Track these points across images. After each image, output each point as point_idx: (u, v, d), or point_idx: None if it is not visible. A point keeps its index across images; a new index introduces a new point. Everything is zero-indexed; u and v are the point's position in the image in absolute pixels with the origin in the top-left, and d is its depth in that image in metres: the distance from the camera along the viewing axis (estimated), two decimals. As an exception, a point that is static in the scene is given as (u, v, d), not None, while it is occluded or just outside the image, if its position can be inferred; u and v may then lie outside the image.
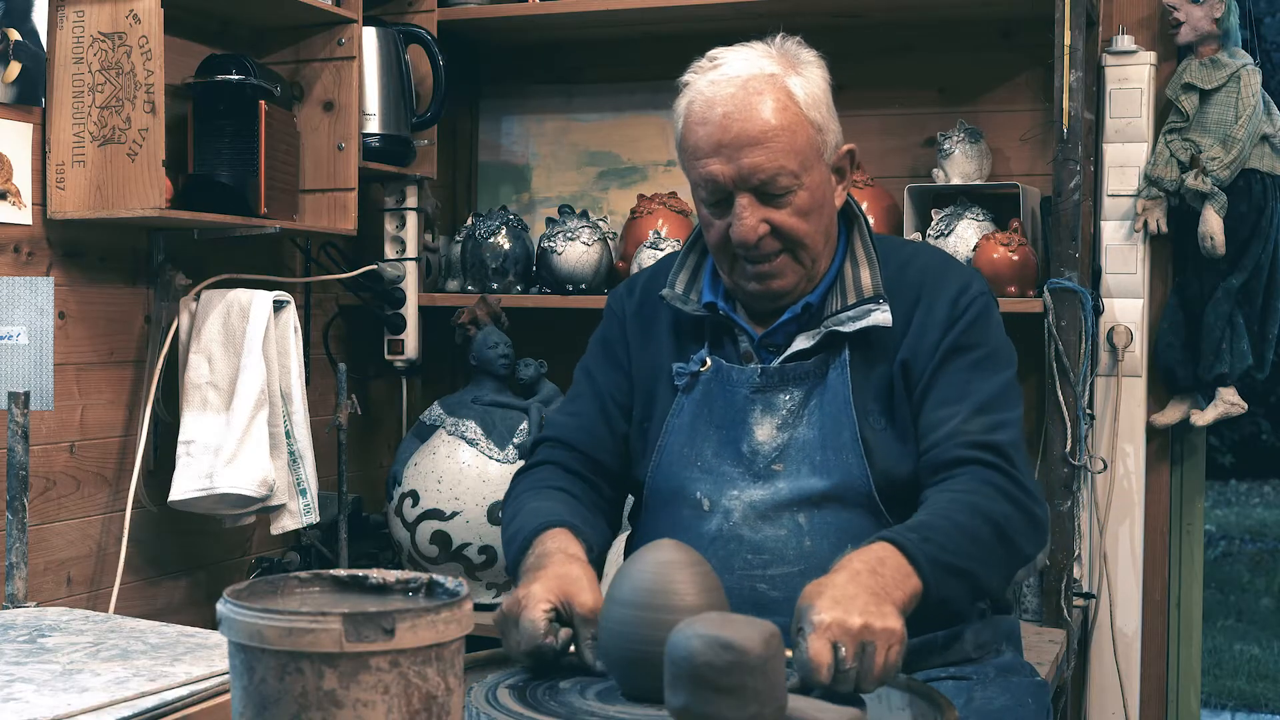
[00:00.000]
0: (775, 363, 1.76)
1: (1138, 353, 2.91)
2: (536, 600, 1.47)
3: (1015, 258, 2.69)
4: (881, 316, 1.72)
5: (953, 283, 1.77)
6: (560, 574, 1.53)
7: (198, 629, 1.92)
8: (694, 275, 1.84)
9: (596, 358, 1.91)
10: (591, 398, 1.88)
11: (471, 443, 2.76)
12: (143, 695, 1.51)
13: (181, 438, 2.50)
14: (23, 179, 2.33)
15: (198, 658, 1.70)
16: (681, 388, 1.79)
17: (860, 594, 1.40)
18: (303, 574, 1.21)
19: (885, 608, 1.39)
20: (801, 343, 1.75)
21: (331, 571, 1.22)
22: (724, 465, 1.74)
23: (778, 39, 1.78)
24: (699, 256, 1.85)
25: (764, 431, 1.74)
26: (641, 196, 3.07)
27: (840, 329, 1.73)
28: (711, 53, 1.77)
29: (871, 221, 2.85)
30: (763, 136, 1.67)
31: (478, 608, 1.94)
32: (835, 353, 1.74)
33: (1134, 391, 2.92)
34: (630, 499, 1.90)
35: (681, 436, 1.78)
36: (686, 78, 1.76)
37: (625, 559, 1.47)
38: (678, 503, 1.75)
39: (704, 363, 1.78)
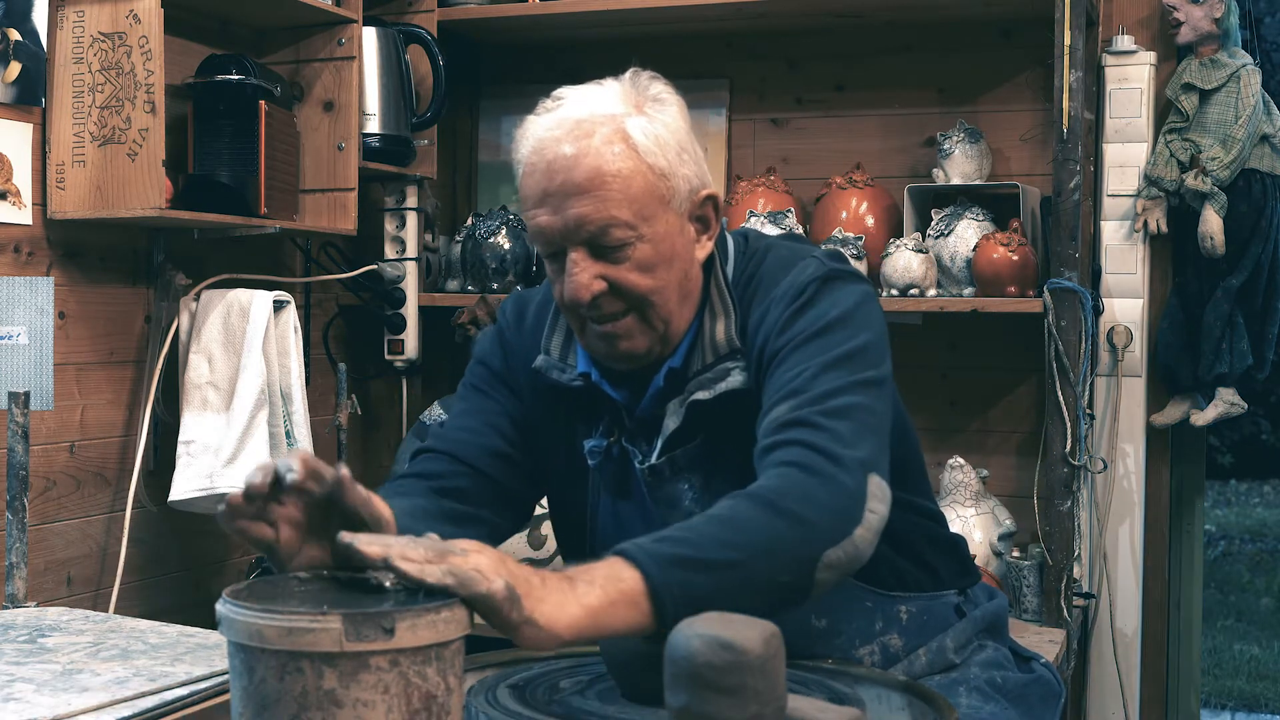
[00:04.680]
0: (657, 455, 1.59)
1: (1138, 353, 2.91)
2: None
3: (1015, 258, 2.69)
4: (737, 378, 1.55)
5: (786, 284, 1.58)
6: None
7: (198, 629, 1.92)
8: (568, 337, 1.66)
9: (486, 380, 1.73)
10: (484, 413, 1.70)
11: (471, 443, 2.76)
12: (143, 695, 1.51)
13: (181, 438, 2.50)
14: (23, 179, 2.34)
15: (198, 658, 1.70)
16: (595, 467, 1.65)
17: (503, 565, 1.19)
18: (303, 574, 1.21)
19: (534, 586, 1.19)
20: (671, 421, 1.58)
21: (332, 571, 1.22)
22: None
23: (629, 74, 1.60)
24: None
25: (675, 522, 1.53)
26: (641, 196, 3.07)
27: (701, 396, 1.56)
28: (557, 92, 1.61)
29: (845, 217, 2.87)
30: (590, 184, 1.51)
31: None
32: (721, 423, 1.57)
33: (1134, 391, 2.92)
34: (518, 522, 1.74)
35: (609, 522, 1.66)
36: (527, 119, 1.60)
37: None
38: None
39: (611, 434, 1.63)
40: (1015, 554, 2.79)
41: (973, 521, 2.76)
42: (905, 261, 2.75)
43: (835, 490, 1.38)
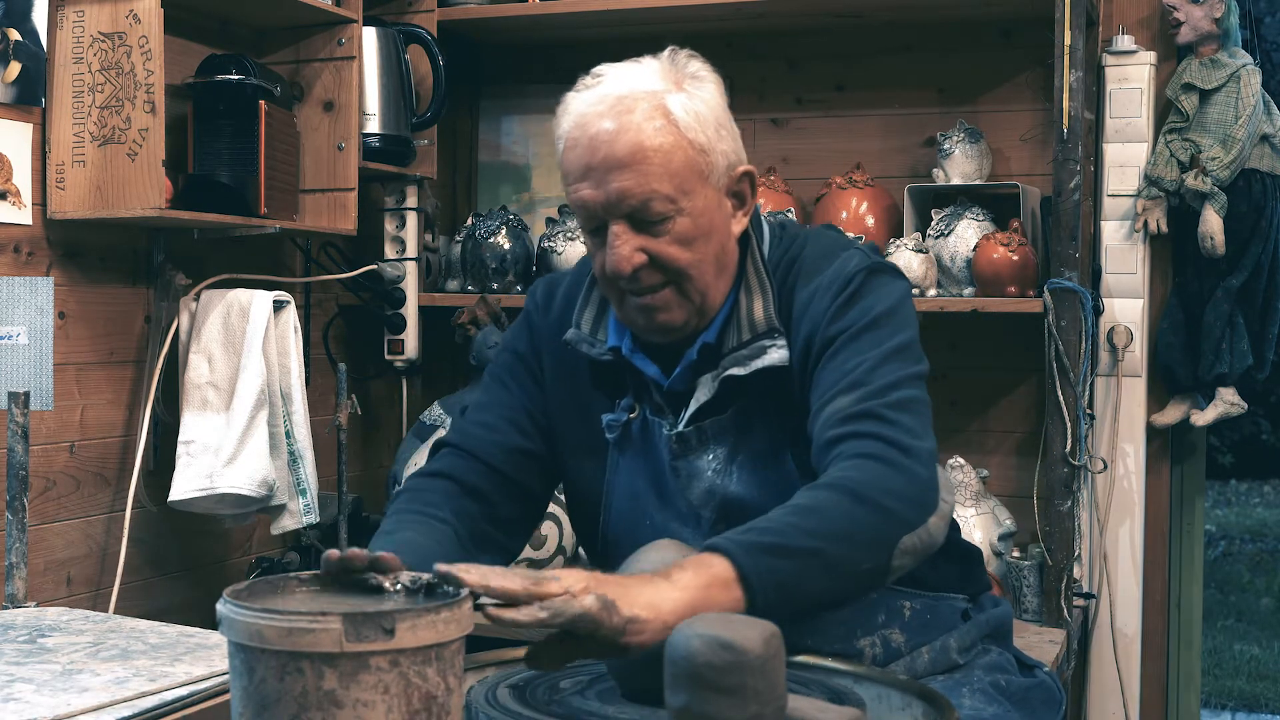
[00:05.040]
0: (685, 423, 1.62)
1: (1138, 353, 2.91)
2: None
3: (1015, 258, 2.69)
4: (778, 354, 1.59)
5: (831, 273, 1.61)
6: None
7: (198, 629, 1.92)
8: (600, 311, 1.69)
9: (508, 365, 1.77)
10: (504, 409, 1.74)
11: (471, 443, 2.76)
12: (143, 695, 1.51)
13: (181, 438, 2.50)
14: (23, 179, 2.34)
15: (198, 658, 1.70)
16: (613, 442, 1.67)
17: (594, 581, 1.24)
18: (303, 574, 1.21)
19: (624, 590, 1.24)
20: (702, 393, 1.61)
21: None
22: (670, 523, 1.64)
23: (667, 53, 1.62)
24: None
25: (695, 494, 1.63)
26: (641, 196, 3.07)
27: (737, 372, 1.59)
28: (596, 69, 1.62)
29: (845, 217, 2.88)
30: (632, 159, 1.53)
31: (478, 608, 1.94)
32: (752, 398, 1.61)
33: (1134, 391, 2.92)
34: (540, 519, 1.78)
35: (624, 499, 1.68)
36: (566, 96, 1.62)
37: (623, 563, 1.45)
38: None
39: (632, 409, 1.66)
40: (1015, 554, 2.79)
41: (973, 521, 2.76)
42: (905, 261, 2.75)
43: (911, 479, 1.43)
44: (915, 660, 1.67)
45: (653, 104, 1.56)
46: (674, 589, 1.26)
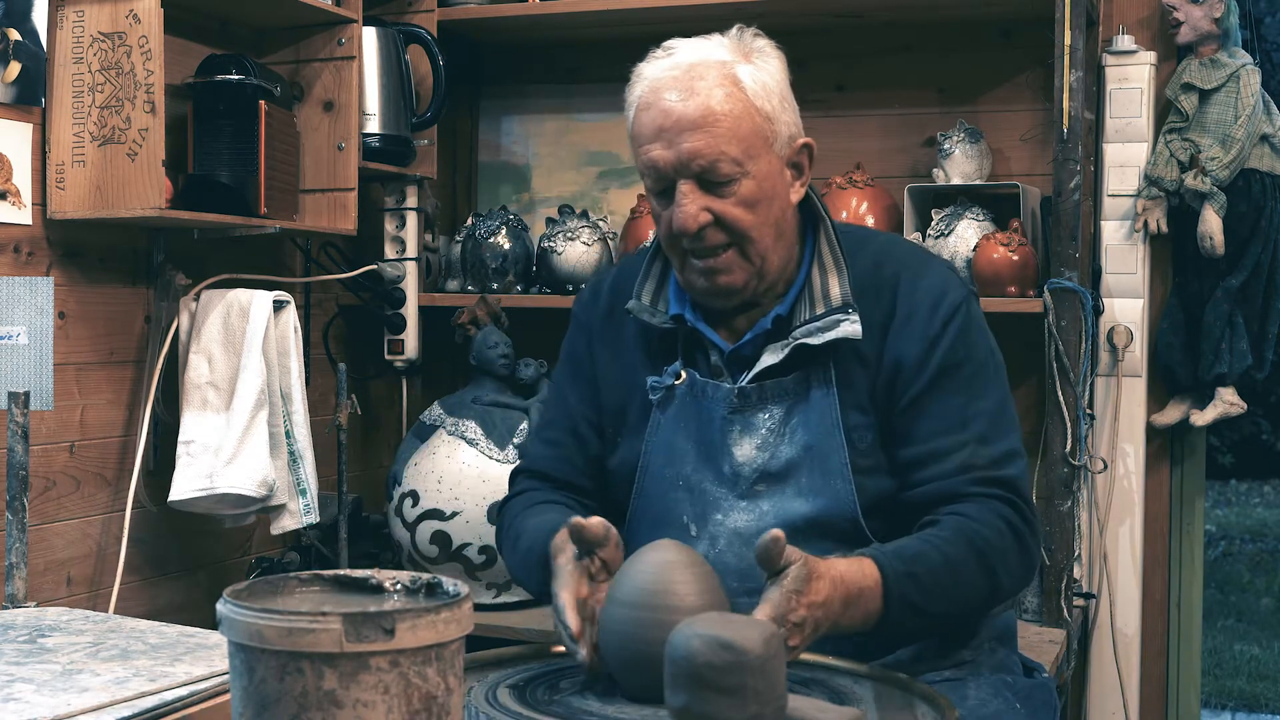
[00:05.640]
0: (748, 380, 1.70)
1: (1138, 353, 2.91)
2: (564, 606, 1.48)
3: (1015, 258, 2.69)
4: (851, 328, 1.66)
5: (931, 285, 1.70)
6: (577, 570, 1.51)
7: (198, 629, 1.92)
8: (660, 284, 1.78)
9: (566, 374, 1.87)
10: (565, 421, 1.84)
11: (471, 443, 2.76)
12: (143, 695, 1.51)
13: (181, 438, 2.50)
14: (23, 179, 2.34)
15: (198, 658, 1.70)
16: (656, 402, 1.74)
17: (826, 618, 1.44)
18: (303, 574, 1.21)
19: (822, 630, 1.44)
20: (769, 357, 1.68)
21: (331, 571, 1.22)
22: (705, 484, 1.70)
23: (735, 29, 1.75)
24: (664, 264, 1.79)
25: (743, 452, 1.69)
26: (641, 196, 3.07)
27: (810, 341, 1.66)
28: (667, 43, 1.74)
29: (846, 217, 2.88)
30: (703, 121, 1.63)
31: (478, 608, 1.94)
32: (816, 368, 1.68)
33: (1134, 391, 2.92)
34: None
35: (661, 457, 1.74)
36: (639, 66, 1.73)
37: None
38: (664, 526, 1.69)
39: (679, 375, 1.72)
40: (1015, 554, 2.79)
41: (973, 521, 2.76)
42: (905, 261, 2.74)
43: (1028, 562, 1.63)
44: (925, 648, 1.68)
45: (722, 72, 1.66)
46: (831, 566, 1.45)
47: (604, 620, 1.40)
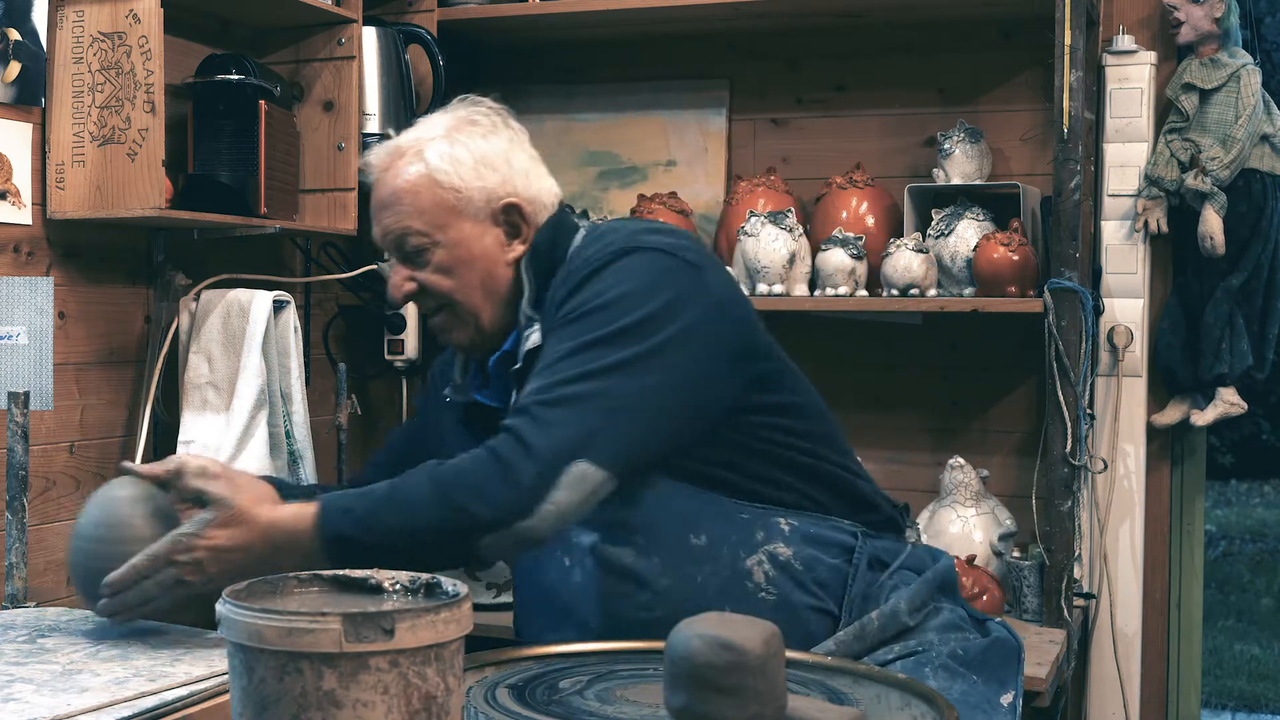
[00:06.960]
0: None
1: (1138, 353, 2.91)
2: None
3: (1015, 258, 2.69)
4: (534, 338, 1.71)
5: (583, 259, 1.69)
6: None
7: (198, 629, 1.91)
8: (467, 360, 1.90)
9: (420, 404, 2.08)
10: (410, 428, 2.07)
11: (471, 443, 2.76)
12: (143, 695, 1.51)
13: (181, 438, 2.50)
14: (23, 179, 2.33)
15: (198, 658, 1.70)
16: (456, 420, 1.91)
17: (246, 560, 1.57)
18: (302, 574, 1.21)
19: (238, 568, 1.54)
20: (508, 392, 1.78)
21: (331, 572, 1.22)
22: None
23: (468, 104, 1.84)
24: None
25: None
26: (641, 196, 3.07)
27: (517, 368, 1.73)
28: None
29: (845, 217, 2.89)
30: (391, 199, 1.76)
31: (477, 608, 1.94)
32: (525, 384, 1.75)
33: (1134, 391, 2.92)
34: None
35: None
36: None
37: None
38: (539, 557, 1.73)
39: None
40: (1015, 554, 2.79)
41: (973, 521, 2.76)
42: (905, 261, 2.74)
43: (509, 484, 1.52)
44: (866, 627, 1.68)
45: (414, 151, 1.77)
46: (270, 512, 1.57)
47: (70, 553, 1.68)
